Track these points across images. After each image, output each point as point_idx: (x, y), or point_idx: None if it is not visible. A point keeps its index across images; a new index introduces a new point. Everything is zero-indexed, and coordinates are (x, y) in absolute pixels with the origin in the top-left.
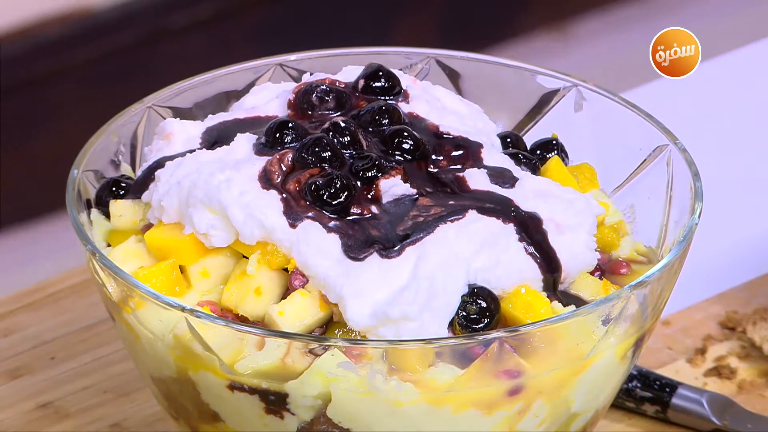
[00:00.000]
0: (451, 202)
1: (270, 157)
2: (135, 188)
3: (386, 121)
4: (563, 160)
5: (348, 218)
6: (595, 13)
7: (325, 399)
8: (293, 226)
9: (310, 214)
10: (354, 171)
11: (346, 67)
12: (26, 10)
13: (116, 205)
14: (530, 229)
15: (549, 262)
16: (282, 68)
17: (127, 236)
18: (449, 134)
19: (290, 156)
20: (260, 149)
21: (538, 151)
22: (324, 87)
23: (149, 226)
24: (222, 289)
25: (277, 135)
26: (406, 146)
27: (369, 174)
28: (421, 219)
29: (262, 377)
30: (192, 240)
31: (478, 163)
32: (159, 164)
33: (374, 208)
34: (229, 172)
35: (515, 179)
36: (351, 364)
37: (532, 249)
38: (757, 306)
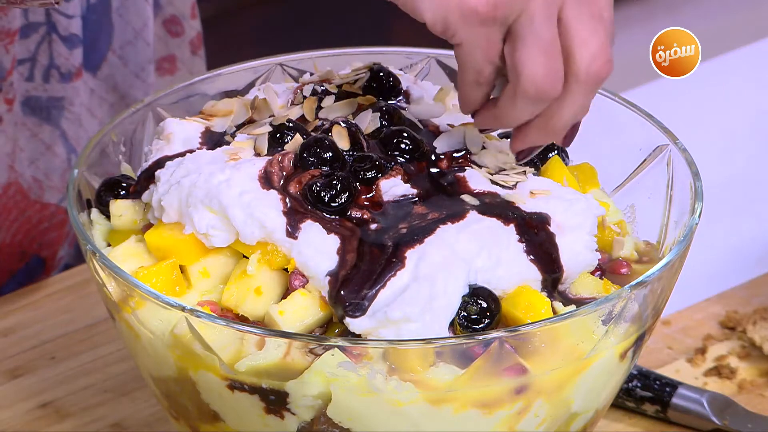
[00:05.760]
0: (450, 203)
1: (270, 157)
2: (135, 188)
3: (386, 122)
4: (563, 160)
5: (348, 219)
6: None
7: (326, 399)
8: (293, 226)
9: (310, 214)
10: (354, 171)
11: (346, 67)
12: None
13: (116, 205)
14: (535, 230)
15: (550, 263)
16: (282, 68)
17: (127, 236)
18: None
19: (290, 156)
20: None
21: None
22: (324, 87)
23: (149, 226)
24: (222, 289)
25: (277, 135)
26: (405, 147)
27: (369, 174)
28: (420, 221)
29: (262, 377)
30: (192, 240)
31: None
32: (159, 164)
33: (374, 209)
34: (229, 172)
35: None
36: (351, 364)
37: (532, 249)
38: (757, 306)
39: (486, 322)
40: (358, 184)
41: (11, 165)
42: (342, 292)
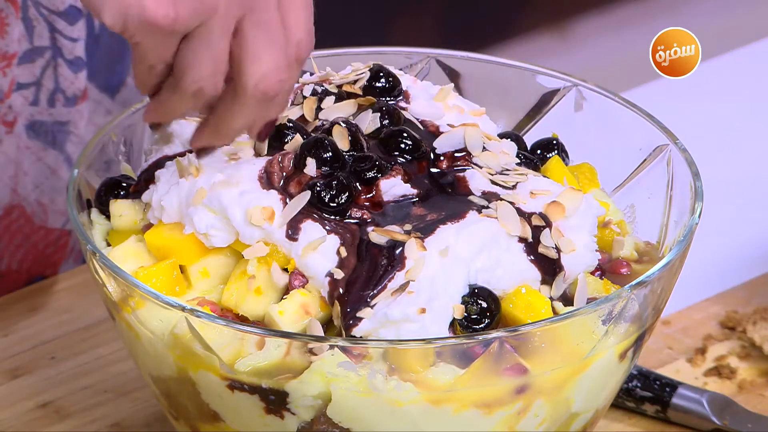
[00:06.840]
0: (452, 203)
1: (270, 157)
2: (135, 188)
3: (386, 122)
4: (563, 160)
5: (348, 220)
6: (595, 13)
7: (326, 399)
8: (293, 226)
9: (310, 215)
10: (354, 172)
11: (346, 67)
12: None
13: (116, 205)
14: (537, 230)
15: (549, 263)
16: None
17: (127, 236)
18: None
19: (291, 156)
20: None
21: (539, 151)
22: (324, 87)
23: (149, 226)
24: (222, 289)
25: (278, 135)
26: (405, 147)
27: (369, 175)
28: (420, 222)
29: (262, 376)
30: (192, 240)
31: None
32: (159, 164)
33: (374, 210)
34: (229, 172)
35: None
36: (351, 364)
37: (532, 249)
38: (757, 306)
39: (486, 322)
40: (358, 184)
41: (14, 188)
42: (343, 298)
